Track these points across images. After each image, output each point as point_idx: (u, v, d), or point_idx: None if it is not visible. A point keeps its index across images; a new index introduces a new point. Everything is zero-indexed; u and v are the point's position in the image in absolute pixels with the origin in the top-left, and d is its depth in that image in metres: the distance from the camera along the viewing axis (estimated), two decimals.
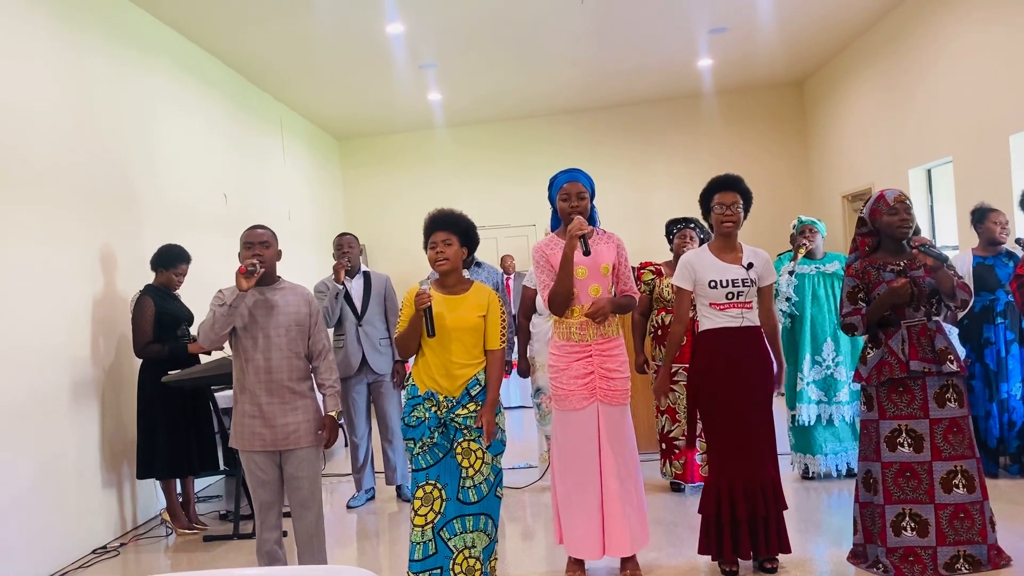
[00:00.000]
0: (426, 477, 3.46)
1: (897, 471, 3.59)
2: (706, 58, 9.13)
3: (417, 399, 3.51)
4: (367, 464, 5.70)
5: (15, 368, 4.44)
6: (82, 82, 5.34)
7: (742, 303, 3.76)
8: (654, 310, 5.21)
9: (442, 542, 3.44)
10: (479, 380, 3.54)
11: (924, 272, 3.59)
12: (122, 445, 5.36)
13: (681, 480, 5.22)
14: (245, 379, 3.60)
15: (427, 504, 3.44)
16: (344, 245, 5.56)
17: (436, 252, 3.52)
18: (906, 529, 3.57)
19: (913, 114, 7.66)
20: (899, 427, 3.60)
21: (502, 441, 3.59)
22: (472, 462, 3.49)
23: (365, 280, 5.60)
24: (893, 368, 3.58)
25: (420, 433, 3.47)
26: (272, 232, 3.72)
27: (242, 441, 3.60)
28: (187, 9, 6.35)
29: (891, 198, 3.67)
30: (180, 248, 5.29)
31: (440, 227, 3.55)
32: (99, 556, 4.87)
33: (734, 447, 3.74)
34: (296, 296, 3.68)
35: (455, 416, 3.48)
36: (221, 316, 3.49)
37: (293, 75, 8.42)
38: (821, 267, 5.31)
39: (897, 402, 3.61)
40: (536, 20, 7.35)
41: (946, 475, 3.55)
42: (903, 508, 3.58)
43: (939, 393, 3.58)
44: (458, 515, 3.47)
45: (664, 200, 10.63)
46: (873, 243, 3.77)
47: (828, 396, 5.23)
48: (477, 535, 3.49)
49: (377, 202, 11.47)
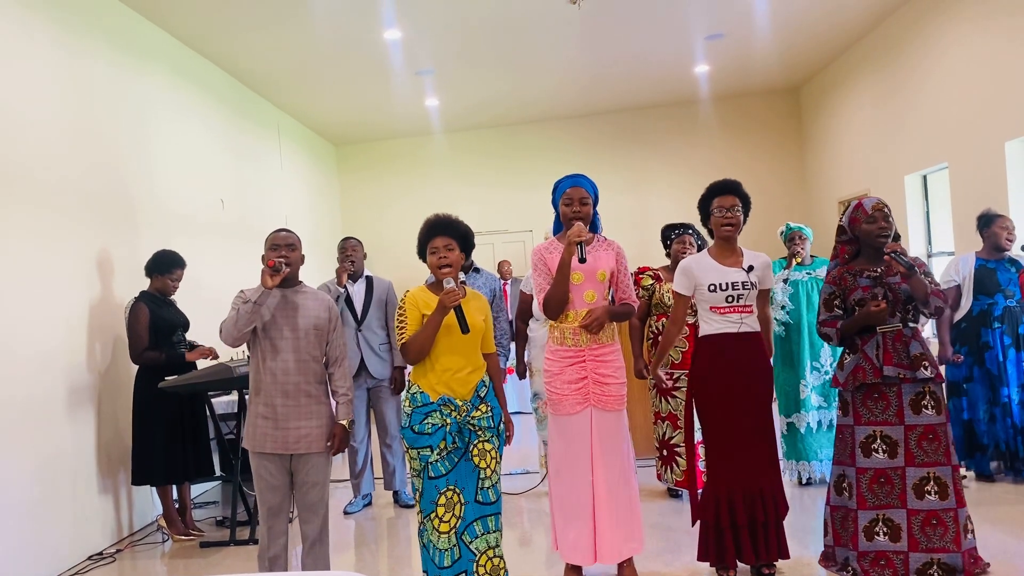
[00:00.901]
0: (446, 483, 3.45)
1: (871, 477, 3.61)
2: (703, 64, 9.16)
3: (430, 406, 3.46)
4: (365, 469, 5.69)
5: (10, 374, 4.43)
6: (80, 87, 5.34)
7: (742, 307, 3.77)
8: (652, 315, 5.21)
9: (464, 546, 3.45)
10: (485, 382, 3.58)
11: (900, 279, 3.62)
12: (118, 451, 5.35)
13: (682, 487, 5.21)
14: (261, 381, 3.59)
15: (450, 509, 3.44)
16: (348, 249, 5.55)
17: (439, 257, 3.50)
18: (879, 534, 3.59)
19: (909, 120, 7.69)
20: (874, 433, 3.63)
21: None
22: (488, 462, 3.51)
23: (367, 285, 5.60)
24: (867, 373, 3.61)
25: (439, 439, 3.43)
26: (297, 236, 3.74)
27: (253, 442, 3.59)
28: (185, 15, 6.35)
29: (869, 206, 3.70)
30: (175, 253, 5.28)
31: (440, 232, 3.55)
32: (95, 562, 4.85)
33: (734, 453, 3.74)
34: (317, 301, 3.69)
35: (471, 419, 3.49)
36: (245, 313, 3.48)
37: (291, 81, 8.43)
38: (813, 272, 5.34)
39: (872, 408, 3.64)
40: (533, 26, 7.37)
41: (919, 481, 3.57)
42: (876, 514, 3.60)
43: (915, 400, 3.60)
44: (479, 516, 3.49)
45: (661, 206, 10.66)
46: (853, 251, 3.81)
47: (827, 401, 5.25)
48: (496, 535, 3.54)
49: (374, 207, 11.48)
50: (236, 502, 5.04)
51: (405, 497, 5.68)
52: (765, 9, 7.39)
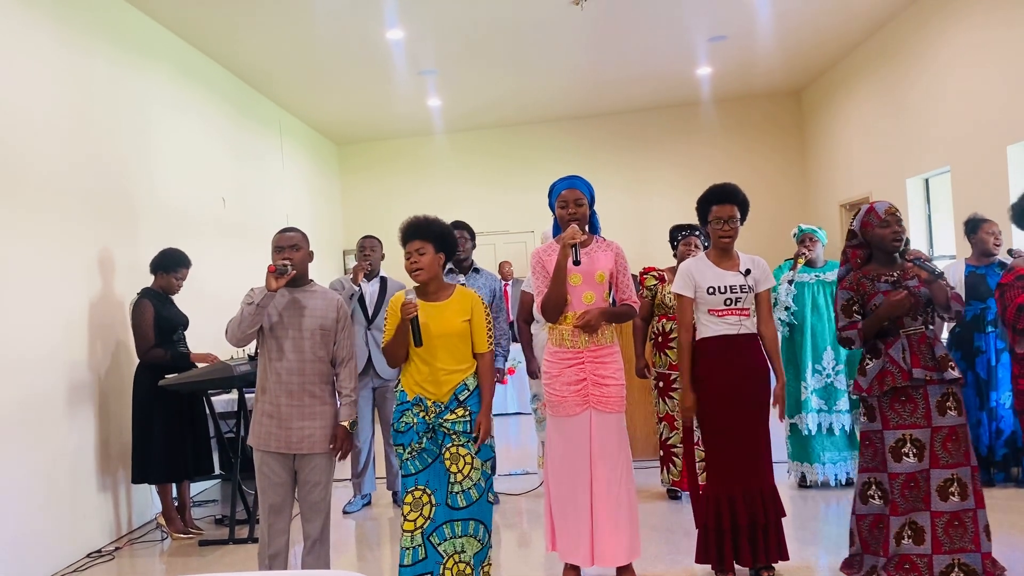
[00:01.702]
0: (415, 482, 3.47)
1: (903, 482, 3.56)
2: (705, 66, 9.15)
3: (405, 404, 3.52)
4: (367, 469, 5.68)
5: (11, 372, 4.43)
6: (81, 85, 5.33)
7: (740, 309, 3.76)
8: (655, 316, 5.20)
9: (432, 547, 3.44)
10: (467, 385, 3.54)
11: (918, 283, 3.60)
12: (118, 449, 5.34)
13: (678, 488, 5.21)
14: (267, 379, 3.59)
15: (416, 509, 3.45)
16: (366, 248, 5.55)
17: (411, 262, 3.52)
18: (904, 538, 3.56)
19: (911, 124, 7.68)
20: (903, 437, 3.57)
21: (491, 447, 3.60)
22: (461, 467, 3.49)
23: (381, 285, 5.60)
24: (895, 377, 3.57)
25: (409, 439, 3.49)
26: (303, 234, 3.71)
27: (257, 440, 3.59)
28: (187, 13, 6.35)
29: (882, 210, 3.66)
30: (181, 252, 5.28)
31: (412, 236, 3.54)
32: (94, 560, 4.85)
33: (733, 455, 3.73)
34: (325, 301, 3.67)
35: (443, 421, 3.48)
36: (249, 315, 3.48)
37: (293, 80, 8.43)
38: (821, 275, 5.31)
39: (900, 411, 3.59)
40: (536, 27, 7.36)
41: (943, 483, 3.54)
42: (906, 518, 3.57)
43: (940, 401, 3.57)
44: (447, 520, 3.47)
45: (663, 207, 10.65)
46: (864, 255, 3.76)
47: (828, 405, 5.23)
48: (467, 540, 3.49)
49: (375, 207, 11.46)
50: (235, 501, 5.03)
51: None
52: (768, 11, 7.39)
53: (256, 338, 3.63)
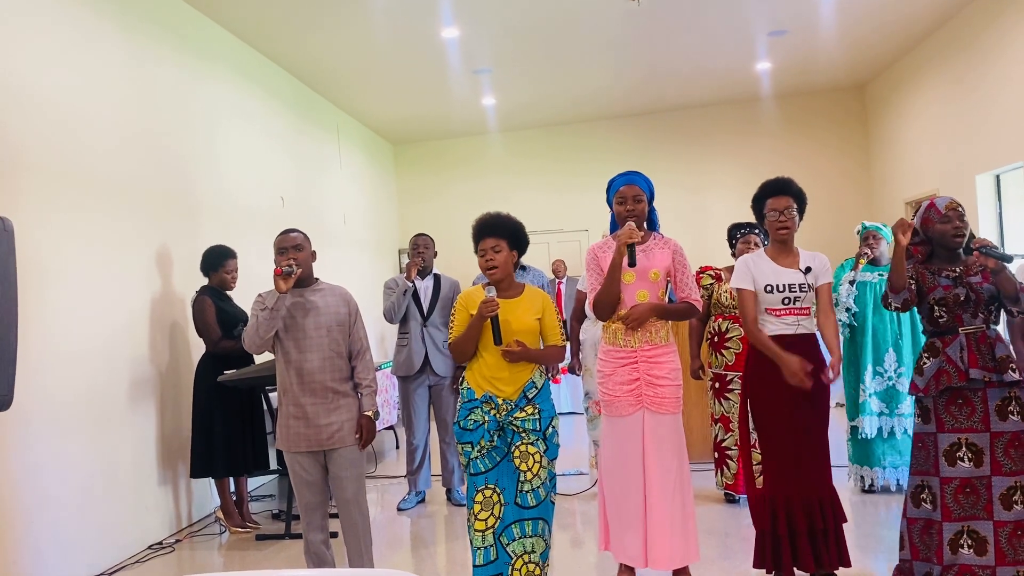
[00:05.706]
0: (485, 481, 3.44)
1: (957, 487, 3.42)
2: (765, 61, 8.97)
3: (474, 402, 3.49)
4: (423, 466, 5.69)
5: (76, 367, 4.55)
6: (146, 88, 5.46)
7: (799, 309, 3.66)
8: (711, 316, 5.10)
9: (501, 547, 3.42)
10: (535, 383, 3.53)
11: (982, 278, 3.45)
12: (178, 443, 5.46)
13: (733, 491, 5.11)
14: (287, 381, 3.62)
15: (487, 508, 3.42)
16: (420, 245, 5.58)
17: (486, 260, 3.51)
18: (963, 547, 3.41)
19: (981, 118, 7.41)
20: (959, 441, 3.44)
21: (556, 445, 3.57)
22: (530, 466, 3.46)
23: (435, 282, 5.62)
24: (952, 377, 3.43)
25: (478, 436, 3.46)
26: (304, 235, 3.73)
27: (286, 443, 3.62)
28: (248, 14, 6.45)
29: (943, 206, 3.54)
30: (222, 247, 5.36)
31: (488, 233, 3.54)
32: (155, 552, 4.96)
33: (791, 458, 3.63)
34: (335, 296, 3.70)
35: (513, 419, 3.46)
36: (264, 320, 3.52)
37: (350, 80, 8.51)
38: (884, 274, 5.13)
39: (956, 414, 3.45)
40: (592, 23, 7.30)
41: (1006, 491, 3.38)
42: (962, 526, 3.42)
43: (1001, 405, 3.41)
44: (517, 520, 3.44)
45: (721, 205, 10.49)
46: (926, 252, 3.64)
47: (890, 408, 5.07)
48: (536, 540, 3.46)
49: (431, 206, 11.53)
50: (291, 496, 5.10)
51: (457, 495, 5.67)
52: (831, 4, 7.20)
53: (273, 342, 3.66)
